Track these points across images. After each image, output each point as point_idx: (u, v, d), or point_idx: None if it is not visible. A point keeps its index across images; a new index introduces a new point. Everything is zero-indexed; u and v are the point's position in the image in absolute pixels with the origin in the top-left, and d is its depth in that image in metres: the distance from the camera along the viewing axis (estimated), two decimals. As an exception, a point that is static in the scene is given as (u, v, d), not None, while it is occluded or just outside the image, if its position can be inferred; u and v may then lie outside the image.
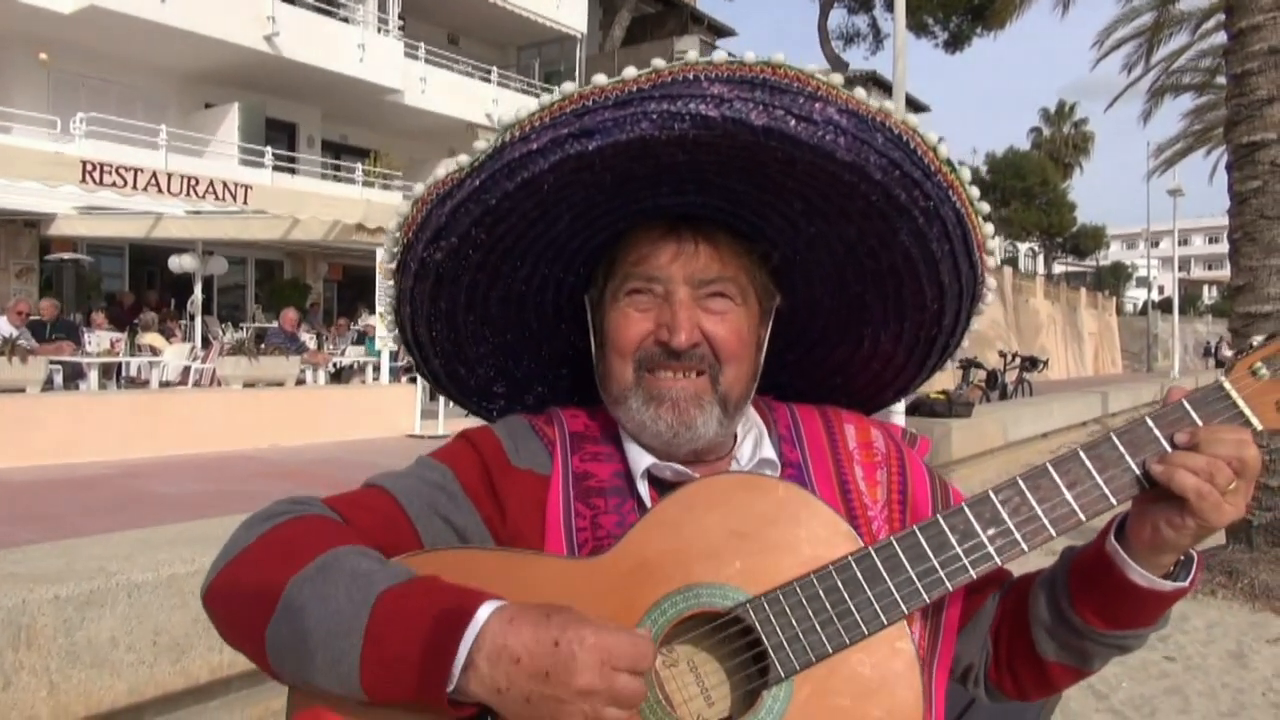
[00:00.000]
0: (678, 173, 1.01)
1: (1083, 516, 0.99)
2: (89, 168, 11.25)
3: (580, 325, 1.22)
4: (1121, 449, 0.99)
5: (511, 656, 0.82)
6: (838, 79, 0.96)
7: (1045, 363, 20.84)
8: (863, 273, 1.15)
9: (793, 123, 0.93)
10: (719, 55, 0.94)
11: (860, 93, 0.97)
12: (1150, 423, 0.99)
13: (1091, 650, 1.08)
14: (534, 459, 1.11)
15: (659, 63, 0.93)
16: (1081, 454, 0.99)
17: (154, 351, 13.46)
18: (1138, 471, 0.98)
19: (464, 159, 1.01)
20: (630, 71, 0.93)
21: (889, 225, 1.06)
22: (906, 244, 1.08)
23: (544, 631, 0.82)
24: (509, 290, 1.17)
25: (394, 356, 13.57)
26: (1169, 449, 0.97)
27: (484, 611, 0.84)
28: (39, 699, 2.09)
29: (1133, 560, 1.00)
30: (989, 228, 1.11)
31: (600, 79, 0.94)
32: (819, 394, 1.29)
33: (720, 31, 34.17)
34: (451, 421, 11.92)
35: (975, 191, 1.08)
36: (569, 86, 0.96)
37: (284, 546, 0.94)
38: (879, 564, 0.98)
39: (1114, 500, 0.99)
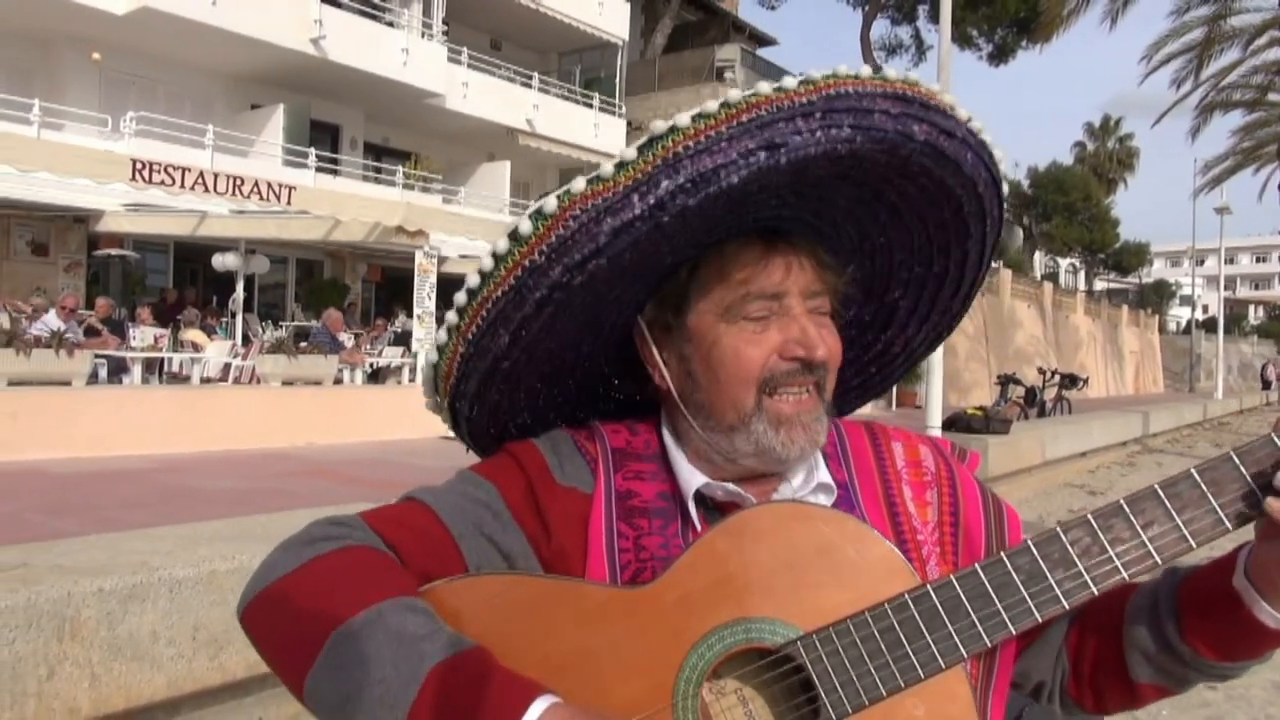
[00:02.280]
0: (799, 185, 0.99)
1: (1159, 560, 0.93)
2: (138, 166, 11.47)
3: (618, 349, 1.16)
4: (1204, 488, 0.92)
5: None
6: (949, 98, 0.99)
7: (1085, 381, 20.53)
8: (907, 280, 1.18)
9: (942, 139, 0.96)
10: (864, 70, 0.94)
11: (966, 112, 1.00)
12: (1236, 459, 0.92)
13: (1193, 677, 1.04)
14: (578, 476, 1.08)
15: (814, 74, 0.92)
16: (1160, 492, 0.93)
17: (196, 348, 13.68)
18: (1221, 514, 0.92)
19: (608, 170, 0.92)
20: (790, 82, 0.91)
21: (963, 232, 1.10)
22: (968, 250, 1.13)
23: None
24: (592, 314, 1.06)
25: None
26: (1255, 488, 0.91)
27: (535, 710, 0.81)
28: (81, 690, 2.12)
29: (1264, 600, 0.95)
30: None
31: (764, 87, 0.91)
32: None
33: (762, 40, 34.13)
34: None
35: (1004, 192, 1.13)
36: (735, 95, 0.91)
37: (328, 585, 0.91)
38: (938, 605, 0.93)
39: (1193, 544, 0.93)
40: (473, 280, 1.01)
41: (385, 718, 0.83)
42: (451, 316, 1.05)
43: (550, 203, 0.94)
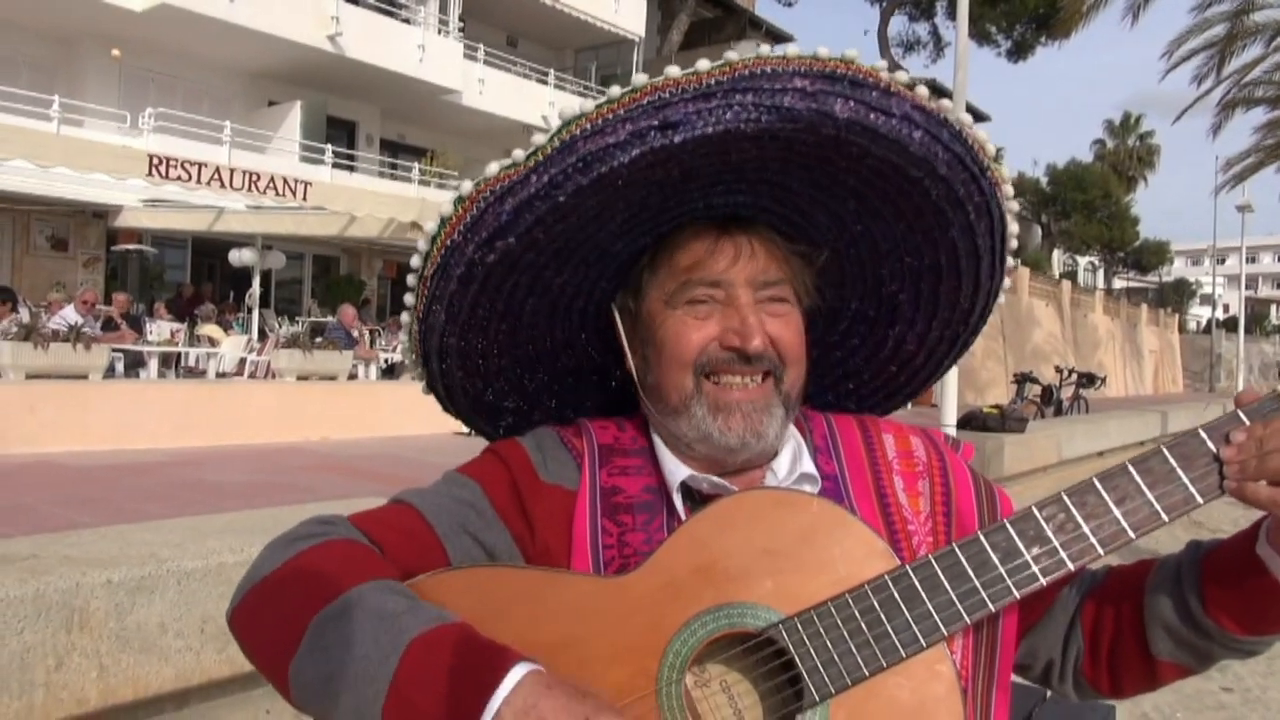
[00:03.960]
0: (737, 170, 0.99)
1: (1132, 535, 0.94)
2: (155, 161, 11.56)
3: (601, 334, 1.19)
4: (1173, 462, 0.94)
5: None
6: (902, 76, 0.96)
7: (1103, 380, 20.40)
8: (901, 272, 1.15)
9: (873, 116, 0.93)
10: (791, 49, 0.92)
11: (923, 90, 0.97)
12: (1203, 434, 0.94)
13: (1216, 653, 1.03)
14: (562, 473, 1.08)
15: (731, 56, 0.91)
16: (1130, 468, 0.95)
17: (212, 342, 13.77)
18: (1191, 488, 0.93)
19: (520, 154, 0.96)
20: (704, 64, 0.91)
21: (942, 221, 1.07)
22: (955, 239, 1.09)
23: (577, 705, 0.80)
24: (544, 297, 1.11)
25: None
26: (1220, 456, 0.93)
27: (517, 671, 0.81)
28: (89, 680, 2.13)
29: None
30: (1014, 226, 1.14)
31: (673, 70, 0.91)
32: (827, 398, 1.26)
33: (778, 37, 34.04)
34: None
35: (1010, 190, 1.10)
36: (641, 78, 0.92)
37: (309, 576, 0.92)
38: (917, 584, 0.94)
39: (1165, 518, 0.94)
40: (415, 260, 1.07)
41: (367, 692, 0.83)
42: (408, 297, 1.11)
43: (466, 185, 0.99)
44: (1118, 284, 58.68)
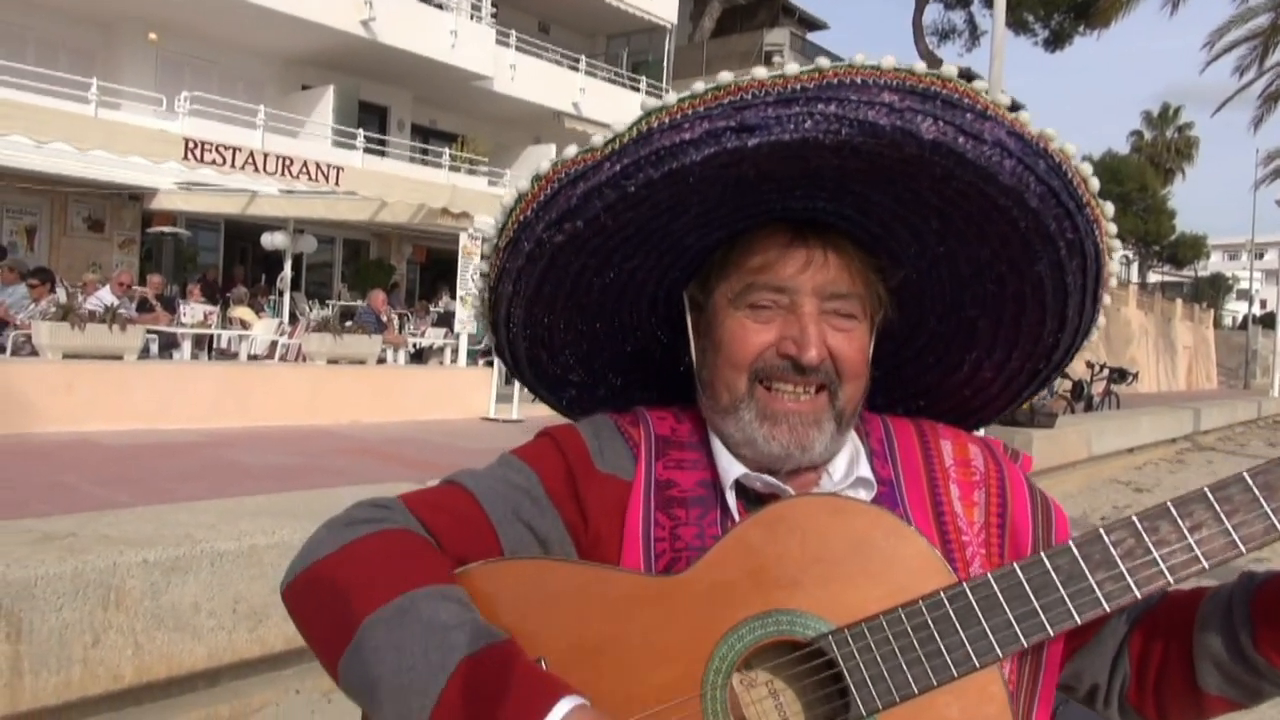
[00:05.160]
0: (818, 177, 0.96)
1: (1206, 564, 0.90)
2: (190, 145, 11.65)
3: (671, 321, 1.18)
4: (1256, 491, 0.89)
5: None
6: (1005, 99, 0.92)
7: (1135, 375, 20.12)
8: (982, 297, 1.11)
9: (961, 140, 0.89)
10: (887, 60, 0.88)
11: (1025, 116, 0.92)
12: None
13: (1266, 690, 0.98)
14: (618, 463, 1.07)
15: (823, 62, 0.88)
16: (1209, 495, 0.90)
17: (244, 325, 13.91)
18: (1274, 518, 0.88)
19: (599, 140, 0.95)
20: (792, 68, 0.88)
21: (1028, 253, 1.02)
22: (1042, 274, 1.04)
23: None
24: (613, 280, 1.11)
25: (472, 340, 13.79)
26: None
27: (563, 706, 0.80)
28: (125, 658, 2.17)
29: None
30: (1113, 265, 1.08)
31: (760, 71, 0.88)
32: (896, 412, 1.23)
33: (811, 25, 33.76)
34: (525, 406, 12.04)
35: (1114, 229, 1.04)
36: (725, 76, 0.89)
37: (364, 568, 0.92)
38: (974, 603, 0.91)
39: (1243, 549, 0.89)
40: (490, 230, 1.08)
41: (414, 704, 0.83)
42: (482, 264, 1.12)
43: (544, 165, 0.99)
44: (1152, 278, 57.83)
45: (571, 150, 0.97)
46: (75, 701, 2.10)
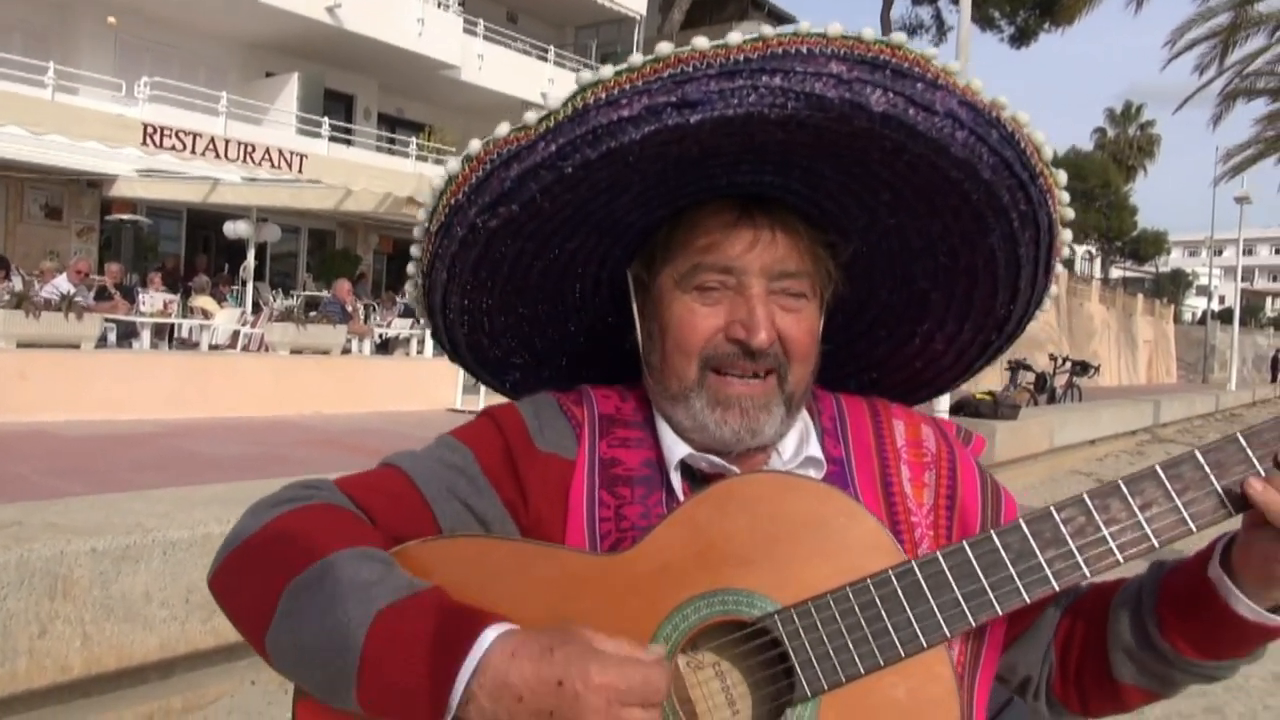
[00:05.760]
0: (763, 151, 0.93)
1: (1155, 543, 0.89)
2: (150, 131, 11.48)
3: (616, 301, 1.15)
4: (1206, 469, 0.88)
5: (514, 694, 0.77)
6: (955, 66, 0.88)
7: (1097, 368, 20.42)
8: (934, 270, 1.09)
9: (912, 112, 0.86)
10: (833, 27, 0.85)
11: (978, 83, 0.90)
12: (1242, 440, 0.88)
13: (1177, 678, 0.99)
14: (559, 442, 1.05)
15: (767, 30, 0.85)
16: (1160, 472, 0.89)
17: (206, 315, 13.71)
18: (1224, 497, 0.88)
19: (532, 118, 0.89)
20: (735, 37, 0.84)
21: (981, 226, 1.01)
22: (994, 246, 1.03)
23: (546, 669, 0.77)
24: (553, 261, 1.07)
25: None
26: (1261, 471, 0.87)
27: (486, 639, 0.79)
28: (72, 649, 2.12)
29: (1240, 591, 0.90)
30: (1067, 234, 1.07)
31: (701, 41, 0.84)
32: (848, 386, 1.21)
33: (780, 18, 33.82)
34: (492, 397, 11.93)
35: (1066, 197, 1.03)
36: (665, 47, 0.85)
37: (287, 541, 0.89)
38: (922, 581, 0.89)
39: (1193, 527, 0.89)
40: (421, 214, 1.04)
41: (339, 662, 0.81)
42: (414, 249, 1.08)
43: (475, 144, 0.95)
44: (1114, 273, 58.70)
45: (504, 129, 0.92)
46: (21, 694, 2.06)
